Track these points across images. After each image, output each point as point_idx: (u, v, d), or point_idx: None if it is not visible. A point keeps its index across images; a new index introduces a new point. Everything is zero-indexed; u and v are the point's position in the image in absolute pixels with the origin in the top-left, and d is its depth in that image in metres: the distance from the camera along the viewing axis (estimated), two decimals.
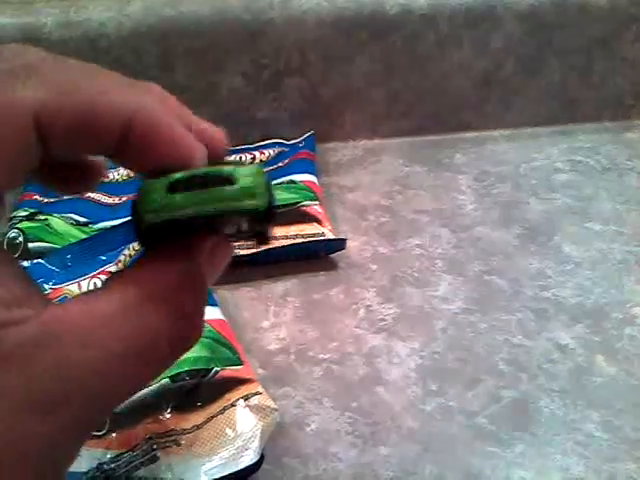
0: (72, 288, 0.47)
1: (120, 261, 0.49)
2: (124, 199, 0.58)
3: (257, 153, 0.63)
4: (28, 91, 0.18)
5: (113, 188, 0.59)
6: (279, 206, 0.53)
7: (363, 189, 0.60)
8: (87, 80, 0.19)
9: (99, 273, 0.48)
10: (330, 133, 0.66)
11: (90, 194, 0.58)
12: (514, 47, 0.63)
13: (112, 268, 0.48)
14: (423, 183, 0.61)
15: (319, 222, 0.53)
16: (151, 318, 0.18)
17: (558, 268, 0.51)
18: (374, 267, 0.52)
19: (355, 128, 0.66)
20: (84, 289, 0.47)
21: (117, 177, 0.60)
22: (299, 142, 0.64)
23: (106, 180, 0.60)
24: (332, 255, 0.52)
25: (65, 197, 0.57)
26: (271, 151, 0.63)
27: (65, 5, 0.59)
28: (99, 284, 0.35)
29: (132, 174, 0.61)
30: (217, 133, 0.23)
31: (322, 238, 0.51)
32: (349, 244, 0.53)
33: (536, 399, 0.41)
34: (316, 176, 0.58)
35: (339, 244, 0.52)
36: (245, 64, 0.62)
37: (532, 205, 0.58)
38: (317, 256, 0.52)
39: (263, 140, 0.65)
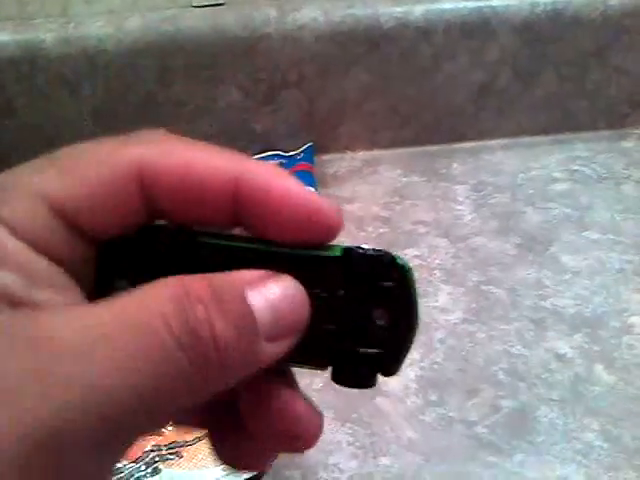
0: None
1: None
2: None
3: None
4: (130, 147, 0.18)
5: None
6: None
7: (361, 200, 0.61)
8: (184, 144, 0.19)
9: None
10: (328, 145, 0.66)
11: None
12: (509, 58, 0.64)
13: None
14: (421, 193, 0.61)
15: None
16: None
17: (556, 278, 0.51)
18: None
19: (352, 139, 0.67)
20: None
21: None
22: (297, 154, 0.64)
23: None
24: None
25: None
26: (270, 163, 0.64)
27: (63, 21, 0.60)
28: None
29: None
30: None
31: None
32: None
33: (535, 408, 0.42)
34: (314, 188, 0.59)
35: None
36: (242, 78, 0.62)
37: (529, 215, 0.58)
38: None
39: (261, 152, 0.66)
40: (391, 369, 0.19)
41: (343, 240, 0.55)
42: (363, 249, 0.19)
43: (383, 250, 0.19)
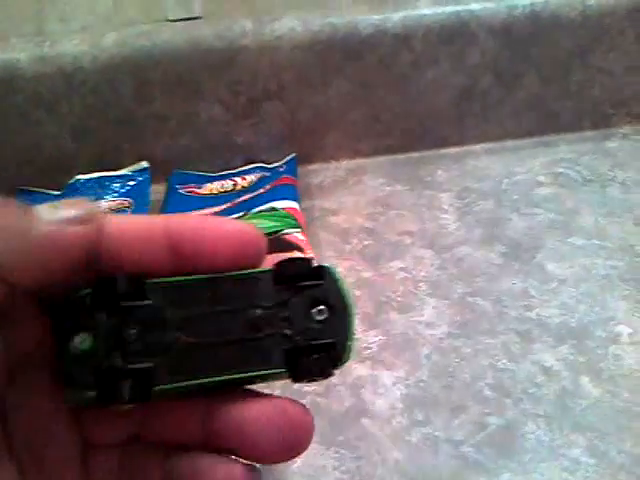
0: None
1: None
2: None
3: (239, 179, 0.63)
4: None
5: None
6: None
7: (346, 212, 0.60)
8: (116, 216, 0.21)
9: None
10: (311, 155, 0.66)
11: None
12: (490, 62, 0.64)
13: None
14: (405, 202, 0.61)
15: (301, 250, 0.53)
16: None
17: (542, 287, 0.51)
18: (358, 293, 0.52)
19: (336, 149, 0.66)
20: None
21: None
22: (280, 166, 0.64)
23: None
24: None
25: None
26: (253, 176, 0.63)
27: (38, 40, 0.59)
28: None
29: (114, 207, 0.60)
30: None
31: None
32: None
33: (521, 425, 0.41)
34: (298, 202, 0.58)
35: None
36: (222, 91, 0.61)
37: (514, 222, 0.58)
38: None
39: (244, 165, 0.65)
40: (343, 356, 0.20)
41: (329, 254, 0.55)
42: (289, 259, 0.21)
43: (308, 257, 0.21)
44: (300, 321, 0.20)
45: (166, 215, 0.21)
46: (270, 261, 0.21)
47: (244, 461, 0.20)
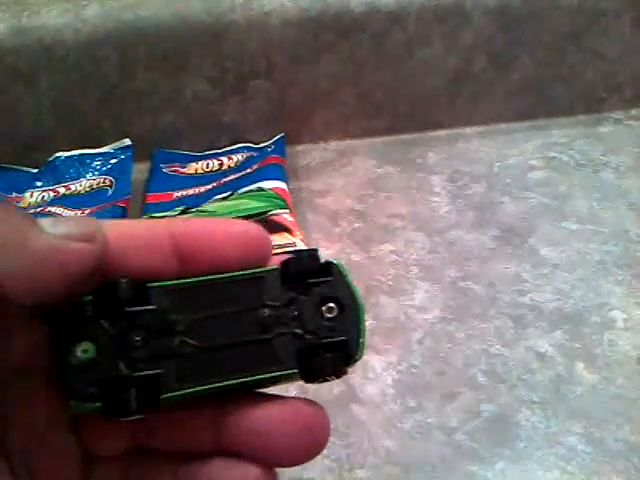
0: None
1: None
2: (87, 212, 0.55)
3: (225, 159, 0.61)
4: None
5: (75, 201, 0.57)
6: (248, 216, 0.52)
7: (335, 193, 0.59)
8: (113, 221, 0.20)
9: None
10: (299, 135, 0.64)
11: (51, 208, 0.55)
12: (484, 43, 0.62)
13: None
14: (396, 185, 0.60)
15: (289, 231, 0.51)
16: None
17: (535, 271, 0.50)
18: None
19: (325, 129, 0.65)
20: None
21: (79, 189, 0.58)
22: (268, 146, 0.62)
23: (68, 192, 0.58)
24: None
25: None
26: (239, 156, 0.61)
27: (17, 10, 0.57)
28: None
29: (95, 185, 0.58)
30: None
31: (293, 249, 0.50)
32: (322, 253, 0.51)
33: (516, 412, 0.40)
34: (286, 182, 0.56)
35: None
36: (209, 68, 0.59)
37: (507, 205, 0.57)
38: None
39: (231, 145, 0.63)
40: (357, 353, 0.20)
41: (318, 237, 0.53)
42: (295, 255, 0.20)
43: (310, 249, 0.21)
44: (310, 319, 0.20)
45: (167, 220, 0.21)
46: (276, 259, 0.20)
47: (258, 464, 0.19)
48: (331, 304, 0.20)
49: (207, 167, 0.61)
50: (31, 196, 0.58)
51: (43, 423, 0.18)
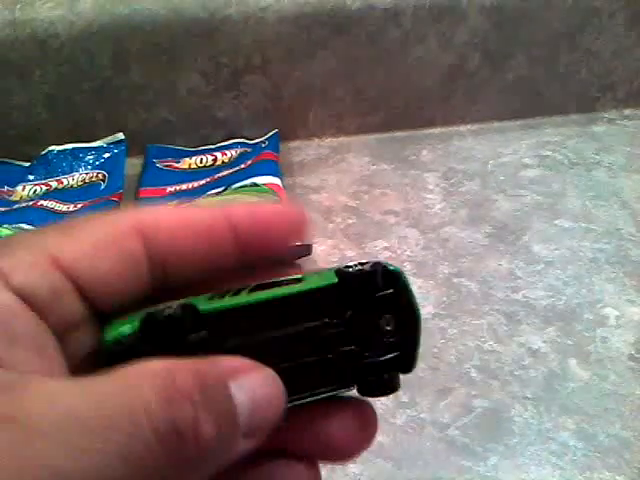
0: None
1: None
2: (79, 206, 0.55)
3: (219, 154, 0.61)
4: (129, 212, 0.19)
5: (67, 195, 0.56)
6: None
7: (329, 190, 0.59)
8: (175, 207, 0.20)
9: None
10: (294, 131, 0.64)
11: (43, 202, 0.55)
12: (479, 41, 0.62)
13: None
14: (390, 182, 0.60)
15: None
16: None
17: (528, 268, 0.50)
18: None
19: (319, 126, 0.65)
20: None
21: (72, 183, 0.58)
22: (262, 142, 0.62)
23: (60, 186, 0.58)
24: (298, 261, 0.51)
25: (15, 206, 0.55)
26: (233, 152, 0.61)
27: (10, 2, 0.56)
28: None
29: (88, 180, 0.58)
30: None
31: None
32: (316, 249, 0.51)
33: (508, 407, 0.40)
34: (280, 178, 0.56)
35: (305, 250, 0.50)
36: (203, 63, 0.59)
37: (500, 203, 0.57)
38: (282, 262, 0.50)
39: (225, 140, 0.63)
40: (411, 366, 0.19)
41: (312, 233, 0.53)
42: (355, 269, 0.19)
43: (372, 262, 0.19)
44: (368, 335, 0.19)
45: (223, 204, 0.20)
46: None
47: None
48: (389, 315, 0.19)
49: (201, 162, 0.61)
50: (23, 190, 0.57)
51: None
